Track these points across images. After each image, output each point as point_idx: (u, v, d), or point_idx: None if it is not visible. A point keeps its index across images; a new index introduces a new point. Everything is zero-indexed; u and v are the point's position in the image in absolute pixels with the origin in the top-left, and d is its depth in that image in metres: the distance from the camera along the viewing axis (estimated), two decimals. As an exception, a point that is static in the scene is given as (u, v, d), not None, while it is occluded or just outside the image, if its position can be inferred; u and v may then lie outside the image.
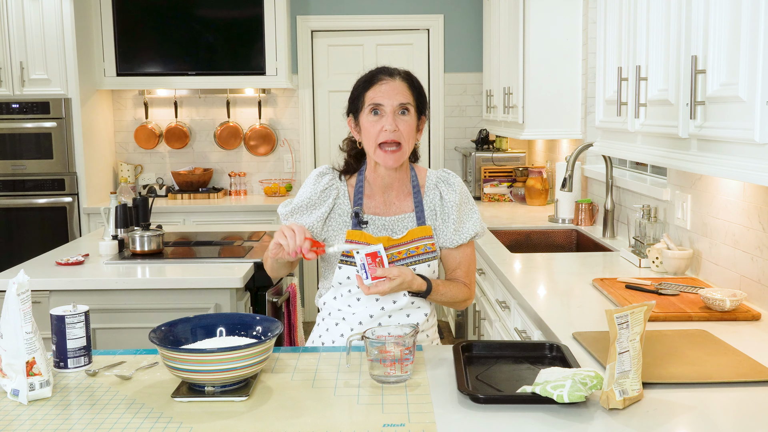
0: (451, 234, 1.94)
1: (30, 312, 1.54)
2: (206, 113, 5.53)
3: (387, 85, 1.85)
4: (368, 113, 1.86)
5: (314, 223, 1.91)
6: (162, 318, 1.95)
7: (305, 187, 1.96)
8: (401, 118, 1.85)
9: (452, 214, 1.93)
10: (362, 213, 1.92)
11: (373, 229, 1.91)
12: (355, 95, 1.92)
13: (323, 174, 1.96)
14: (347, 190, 1.96)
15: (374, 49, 5.51)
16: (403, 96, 1.85)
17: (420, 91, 1.92)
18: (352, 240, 1.87)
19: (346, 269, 1.89)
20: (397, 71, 1.89)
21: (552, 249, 3.73)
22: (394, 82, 1.85)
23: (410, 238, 1.90)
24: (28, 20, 4.67)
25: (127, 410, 1.46)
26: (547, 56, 3.85)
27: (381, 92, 1.84)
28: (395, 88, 1.85)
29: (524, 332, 2.37)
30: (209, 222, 4.93)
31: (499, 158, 4.93)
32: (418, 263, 1.89)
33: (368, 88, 1.87)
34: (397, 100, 1.84)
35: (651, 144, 2.18)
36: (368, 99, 1.86)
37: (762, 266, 2.12)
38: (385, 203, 1.95)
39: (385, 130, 1.84)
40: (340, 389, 1.55)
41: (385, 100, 1.84)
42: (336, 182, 1.95)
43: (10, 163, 4.80)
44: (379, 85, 1.85)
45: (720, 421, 1.39)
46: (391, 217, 1.93)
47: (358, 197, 1.93)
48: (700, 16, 1.79)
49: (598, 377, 1.44)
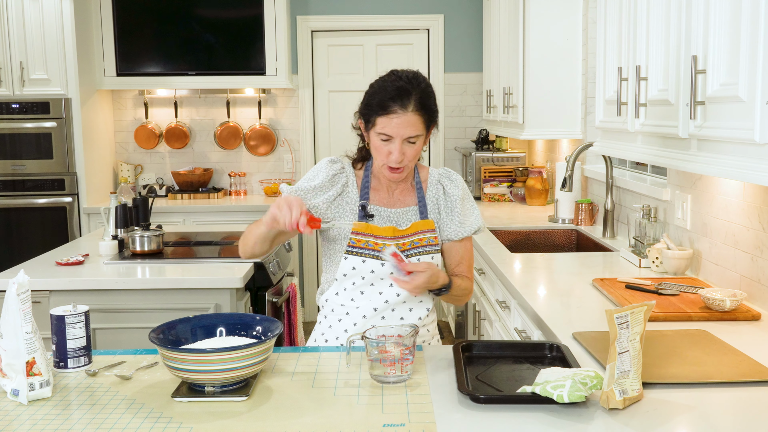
0: (456, 227, 1.97)
1: (30, 312, 1.54)
2: (206, 113, 5.53)
3: (399, 119, 1.82)
4: (376, 135, 1.86)
5: (319, 205, 1.92)
6: (162, 318, 1.95)
7: (315, 171, 1.96)
8: (409, 146, 1.86)
9: (456, 207, 1.97)
10: (368, 205, 1.94)
11: (378, 220, 1.94)
12: (367, 111, 1.88)
13: (334, 161, 1.97)
14: (355, 180, 1.97)
15: (374, 49, 5.51)
16: (413, 129, 1.83)
17: (431, 111, 1.88)
18: (359, 231, 1.89)
19: (352, 260, 1.89)
20: (410, 99, 1.82)
21: (552, 249, 3.73)
22: (405, 116, 1.82)
23: (414, 230, 1.93)
24: (28, 20, 4.67)
25: (127, 410, 1.46)
26: (547, 56, 3.85)
27: (392, 125, 1.82)
28: (406, 122, 1.82)
29: (524, 332, 2.37)
30: (209, 222, 4.93)
31: (499, 158, 4.93)
32: (422, 254, 1.92)
33: (380, 113, 1.83)
34: (407, 134, 1.83)
35: (651, 144, 2.18)
36: (379, 125, 1.84)
37: (762, 266, 2.12)
38: (390, 197, 1.98)
39: (391, 156, 1.85)
40: (340, 389, 1.55)
41: (395, 132, 1.83)
42: (347, 170, 1.97)
43: (10, 163, 4.80)
44: (391, 117, 1.82)
45: (720, 421, 1.39)
46: (395, 209, 1.96)
47: (365, 190, 1.95)
48: (700, 16, 1.79)
49: (598, 377, 1.44)
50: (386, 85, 1.85)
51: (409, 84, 1.84)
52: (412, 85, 1.84)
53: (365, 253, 1.88)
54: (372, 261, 1.88)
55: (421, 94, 1.84)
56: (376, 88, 1.87)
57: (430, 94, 1.88)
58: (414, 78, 1.86)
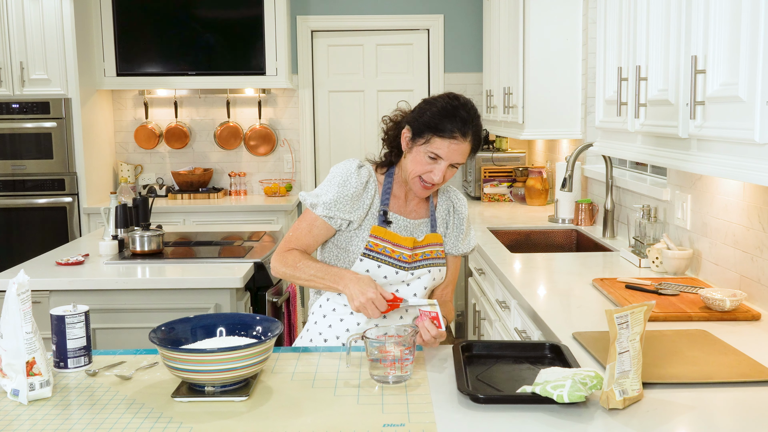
0: (458, 243, 2.05)
1: (30, 312, 1.54)
2: (206, 113, 5.53)
3: (456, 145, 1.85)
4: (425, 151, 1.87)
5: (358, 218, 1.92)
6: (162, 318, 1.95)
7: (346, 177, 1.92)
8: (450, 170, 1.90)
9: (463, 225, 2.05)
10: (389, 212, 1.96)
11: (396, 228, 1.96)
12: (423, 127, 1.87)
13: (361, 166, 1.96)
14: (377, 185, 1.98)
15: (374, 49, 5.51)
16: (462, 157, 1.88)
17: (479, 145, 1.93)
18: (377, 236, 1.91)
19: (368, 263, 1.90)
20: (469, 131, 1.86)
21: (552, 249, 3.72)
22: (463, 145, 1.86)
23: (428, 242, 1.98)
24: (28, 20, 4.67)
25: (127, 410, 1.46)
26: (547, 56, 3.85)
27: (447, 149, 1.85)
28: (461, 150, 1.86)
29: (524, 332, 2.37)
30: (209, 222, 4.93)
31: (499, 158, 4.92)
32: (433, 266, 1.97)
33: (439, 134, 1.84)
34: (456, 160, 1.87)
35: (651, 144, 2.18)
36: (433, 144, 1.85)
37: (762, 266, 2.12)
38: (406, 206, 2.01)
39: (432, 174, 1.87)
40: (340, 389, 1.55)
41: (447, 156, 1.86)
42: (373, 175, 1.97)
43: (10, 163, 4.80)
44: (450, 142, 1.84)
45: (720, 421, 1.39)
46: (411, 220, 1.99)
47: (386, 196, 1.96)
48: (700, 16, 1.79)
49: (598, 377, 1.44)
50: (449, 109, 1.87)
51: (469, 115, 1.88)
52: (471, 116, 1.88)
53: (382, 258, 1.90)
54: (386, 267, 1.89)
55: (477, 128, 1.91)
56: (439, 108, 1.88)
57: (481, 127, 1.94)
58: (473, 109, 1.91)
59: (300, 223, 1.94)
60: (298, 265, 1.88)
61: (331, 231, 1.94)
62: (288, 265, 1.89)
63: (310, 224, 1.93)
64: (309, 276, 1.86)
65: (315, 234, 1.93)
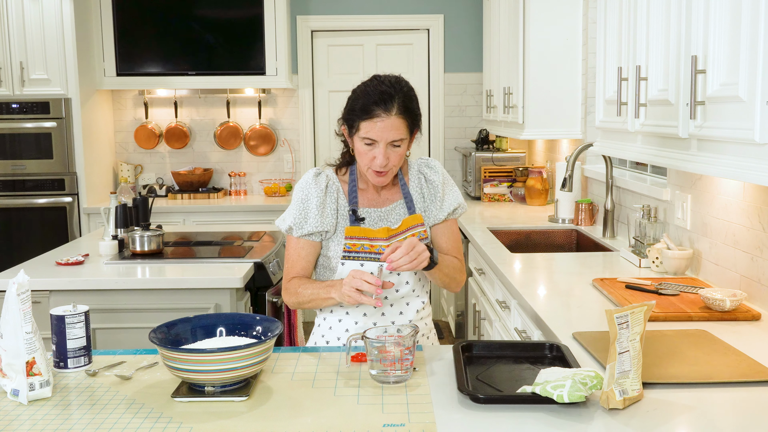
0: (436, 210, 1.99)
1: (30, 312, 1.54)
2: (206, 113, 5.53)
3: (382, 122, 1.82)
4: (360, 139, 1.86)
5: (331, 225, 1.92)
6: (162, 318, 1.95)
7: (306, 191, 1.94)
8: (393, 150, 1.86)
9: (438, 192, 1.99)
10: (359, 209, 1.95)
11: (370, 222, 1.95)
12: (350, 116, 1.88)
13: (318, 173, 1.97)
14: (341, 186, 1.98)
15: (374, 49, 5.50)
16: (396, 133, 1.84)
17: (415, 114, 1.89)
18: (352, 235, 1.90)
19: (350, 265, 1.91)
20: (393, 103, 1.82)
21: (552, 249, 3.73)
22: (389, 119, 1.82)
23: (406, 226, 1.95)
24: (28, 20, 4.67)
25: (127, 410, 1.46)
26: (547, 56, 3.85)
27: (376, 129, 1.82)
28: (390, 125, 1.82)
29: (524, 332, 2.37)
30: (209, 222, 4.93)
31: (499, 158, 4.92)
32: None
33: (364, 118, 1.83)
34: (391, 137, 1.84)
35: (651, 144, 2.18)
36: (363, 129, 1.84)
37: (762, 266, 2.12)
38: (378, 196, 1.99)
39: (375, 160, 1.85)
40: (340, 389, 1.55)
41: (379, 136, 1.83)
42: (333, 178, 1.97)
43: (10, 163, 4.80)
44: (375, 121, 1.82)
45: (720, 421, 1.39)
46: (384, 208, 1.97)
47: (353, 194, 1.96)
48: (700, 16, 1.79)
49: (598, 377, 1.44)
50: (369, 90, 1.86)
51: (392, 88, 1.84)
52: (394, 89, 1.85)
53: (362, 256, 1.90)
54: (370, 264, 1.90)
55: (404, 97, 1.85)
56: (359, 93, 1.88)
57: (413, 98, 1.89)
58: (396, 82, 1.87)
59: (288, 251, 1.98)
60: (299, 290, 1.93)
61: (317, 246, 1.96)
62: (292, 294, 1.95)
63: (296, 249, 1.96)
64: (309, 298, 1.91)
65: (305, 255, 1.95)
